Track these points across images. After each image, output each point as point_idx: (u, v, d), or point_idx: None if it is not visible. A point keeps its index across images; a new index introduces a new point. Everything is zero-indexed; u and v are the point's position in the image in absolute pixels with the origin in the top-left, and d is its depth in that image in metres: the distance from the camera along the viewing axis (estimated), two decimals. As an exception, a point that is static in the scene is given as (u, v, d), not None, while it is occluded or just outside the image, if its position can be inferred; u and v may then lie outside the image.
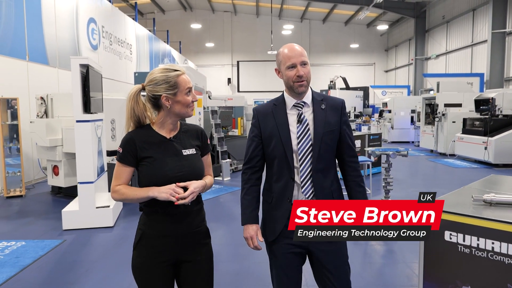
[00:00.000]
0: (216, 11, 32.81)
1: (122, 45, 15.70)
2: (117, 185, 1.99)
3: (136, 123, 2.02)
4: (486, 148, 10.91)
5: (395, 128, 19.33)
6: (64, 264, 4.35)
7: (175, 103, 1.98)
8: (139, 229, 2.04)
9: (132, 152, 1.97)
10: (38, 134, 7.00)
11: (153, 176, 1.93)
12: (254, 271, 4.09)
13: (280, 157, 2.17)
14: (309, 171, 2.14)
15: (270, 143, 2.20)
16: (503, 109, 11.34)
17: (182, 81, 1.99)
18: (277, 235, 2.17)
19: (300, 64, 2.11)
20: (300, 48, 2.15)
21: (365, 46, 32.89)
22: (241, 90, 32.94)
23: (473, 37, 19.78)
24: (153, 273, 1.98)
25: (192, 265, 2.06)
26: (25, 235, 5.30)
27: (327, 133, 2.16)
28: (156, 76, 1.97)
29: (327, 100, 2.23)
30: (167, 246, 1.99)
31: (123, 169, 1.99)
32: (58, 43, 10.16)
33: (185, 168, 1.99)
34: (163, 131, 2.04)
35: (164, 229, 1.98)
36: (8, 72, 8.13)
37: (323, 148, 2.15)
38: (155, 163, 1.96)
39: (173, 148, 2.02)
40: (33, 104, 8.38)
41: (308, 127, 2.16)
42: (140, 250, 2.00)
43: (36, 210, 6.68)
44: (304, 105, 2.20)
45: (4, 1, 8.02)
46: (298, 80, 2.11)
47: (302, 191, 2.14)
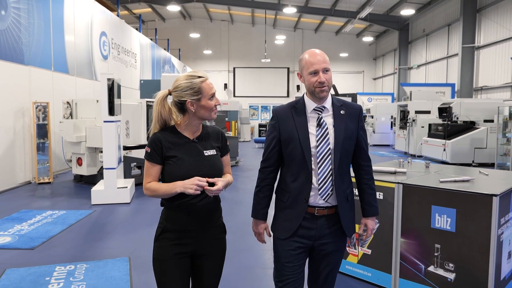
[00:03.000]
0: (214, 20, 34.55)
1: (128, 54, 17.39)
2: (148, 182, 2.11)
3: (162, 125, 2.15)
4: (445, 149, 12.62)
5: (376, 132, 21.00)
6: (97, 225, 5.99)
7: (199, 108, 2.10)
8: (160, 223, 2.17)
9: (158, 151, 2.09)
10: (67, 132, 8.66)
11: (177, 174, 2.06)
12: (248, 247, 5.74)
13: (298, 158, 2.21)
14: (328, 174, 2.19)
15: (289, 144, 2.24)
16: (461, 116, 13.06)
17: (206, 86, 2.11)
18: (291, 234, 2.26)
19: (322, 71, 2.17)
20: (322, 55, 2.20)
21: (355, 55, 34.65)
22: (237, 95, 34.64)
23: (448, 50, 21.56)
24: (171, 264, 2.10)
25: (206, 258, 2.18)
26: (64, 207, 6.95)
27: (347, 139, 2.23)
28: (181, 83, 2.09)
29: (346, 106, 2.29)
30: (186, 240, 2.12)
31: (152, 167, 2.11)
32: (76, 54, 11.82)
33: (206, 168, 2.10)
34: (187, 132, 2.16)
35: (185, 224, 2.11)
36: (39, 80, 9.78)
37: (343, 154, 2.22)
38: (179, 162, 2.08)
39: (196, 148, 2.14)
40: (57, 108, 10.03)
41: (327, 131, 2.21)
42: (161, 242, 2.12)
43: (65, 192, 8.33)
44: (324, 110, 2.25)
45: (36, 22, 9.68)
46: (320, 86, 2.17)
47: (320, 193, 2.20)
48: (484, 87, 18.30)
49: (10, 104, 8.68)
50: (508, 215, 3.31)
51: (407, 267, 3.49)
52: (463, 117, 13.00)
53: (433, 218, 3.30)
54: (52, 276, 3.97)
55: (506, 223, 3.28)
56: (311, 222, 2.23)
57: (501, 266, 3.25)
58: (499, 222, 3.10)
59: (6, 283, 3.81)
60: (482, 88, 18.47)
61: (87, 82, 12.48)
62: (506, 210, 3.25)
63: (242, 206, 7.08)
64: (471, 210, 3.12)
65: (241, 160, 13.35)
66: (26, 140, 9.25)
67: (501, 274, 3.28)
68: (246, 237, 5.13)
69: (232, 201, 7.47)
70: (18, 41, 8.93)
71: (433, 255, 3.33)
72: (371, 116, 21.62)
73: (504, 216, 3.22)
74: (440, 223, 3.27)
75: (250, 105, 33.59)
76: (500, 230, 3.14)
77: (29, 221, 5.98)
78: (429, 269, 3.36)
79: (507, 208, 3.28)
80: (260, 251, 4.76)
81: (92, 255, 4.66)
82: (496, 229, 3.03)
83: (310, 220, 2.23)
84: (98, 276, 3.98)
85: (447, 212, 3.23)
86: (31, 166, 9.31)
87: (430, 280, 3.36)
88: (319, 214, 2.22)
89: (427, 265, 3.38)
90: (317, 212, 2.22)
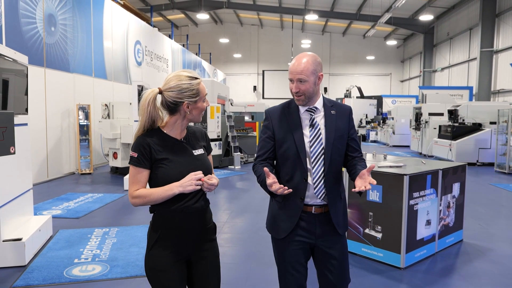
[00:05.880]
0: (244, 24, 36.04)
1: (160, 60, 19.01)
2: (136, 189, 2.01)
3: (150, 127, 2.06)
4: (450, 150, 13.41)
5: (396, 134, 21.72)
6: (127, 204, 7.35)
7: (193, 109, 2.07)
8: (153, 231, 2.07)
9: (147, 155, 2.00)
10: (105, 130, 10.17)
11: (171, 177, 1.99)
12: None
13: (294, 158, 2.23)
14: (322, 173, 2.23)
15: (283, 144, 2.26)
16: (468, 118, 13.79)
17: (202, 88, 2.07)
18: (288, 233, 2.26)
19: (296, 81, 2.18)
20: (304, 65, 2.16)
21: (382, 57, 35.28)
22: (266, 97, 35.97)
23: (469, 54, 22.06)
24: (171, 272, 2.04)
25: (202, 261, 2.13)
26: (101, 191, 8.39)
27: (338, 138, 2.27)
28: (178, 83, 2.01)
29: (337, 107, 2.33)
30: (183, 244, 2.06)
31: (140, 173, 2.01)
32: (113, 62, 13.41)
33: (198, 167, 2.05)
34: (173, 133, 2.10)
35: (181, 228, 2.04)
36: (81, 85, 11.36)
37: (334, 152, 2.25)
38: (171, 164, 2.02)
39: (185, 149, 2.09)
40: (97, 109, 11.59)
41: (320, 131, 2.24)
42: (157, 251, 2.04)
43: (103, 181, 9.82)
44: (316, 110, 2.27)
45: (79, 35, 11.27)
46: (295, 94, 2.23)
47: (315, 192, 2.23)
48: (501, 90, 18.78)
49: (58, 106, 10.26)
50: (424, 192, 4.39)
51: (352, 230, 4.62)
52: (470, 119, 13.73)
53: (368, 192, 4.42)
54: (92, 234, 5.37)
55: (422, 197, 4.37)
56: (310, 221, 2.27)
57: (417, 229, 4.35)
58: (411, 195, 4.20)
59: (60, 237, 5.23)
60: (499, 91, 18.96)
61: (123, 87, 14.07)
62: (421, 187, 4.34)
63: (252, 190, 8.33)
64: (391, 186, 4.23)
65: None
66: (71, 137, 10.84)
67: (417, 235, 4.37)
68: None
69: (242, 179, 8.73)
70: (65, 52, 10.53)
71: (368, 221, 4.45)
72: (392, 118, 22.36)
73: (419, 191, 4.31)
74: (372, 197, 4.39)
75: (278, 107, 34.72)
76: (413, 201, 4.24)
77: (74, 201, 7.44)
78: (365, 231, 4.49)
79: (423, 186, 4.36)
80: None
81: (122, 223, 6.03)
82: (407, 200, 4.14)
83: (308, 219, 2.27)
84: (125, 235, 5.33)
85: (377, 188, 4.35)
86: (75, 159, 10.89)
87: (366, 239, 4.49)
88: (316, 212, 2.27)
89: (364, 228, 4.51)
90: (314, 210, 2.27)
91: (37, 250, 4.69)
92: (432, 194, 4.55)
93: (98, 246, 4.91)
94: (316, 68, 2.19)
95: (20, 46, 8.45)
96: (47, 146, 9.72)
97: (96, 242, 5.04)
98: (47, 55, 9.70)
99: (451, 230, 4.99)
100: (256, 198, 7.84)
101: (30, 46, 8.95)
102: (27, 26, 8.89)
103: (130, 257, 4.52)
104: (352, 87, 29.17)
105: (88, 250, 4.75)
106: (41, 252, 4.67)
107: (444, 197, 4.78)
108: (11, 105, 4.44)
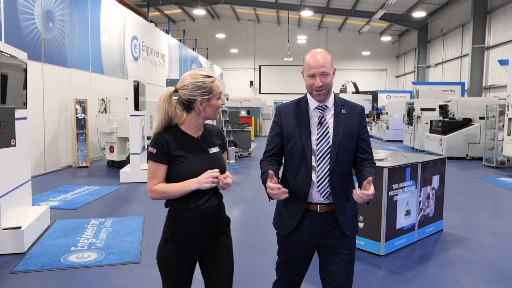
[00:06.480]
0: (241, 19, 36.17)
1: (157, 55, 19.17)
2: (154, 184, 2.08)
3: (167, 124, 2.13)
4: (441, 144, 13.68)
5: (390, 129, 21.97)
6: (123, 196, 7.60)
7: (207, 107, 2.11)
8: (169, 225, 2.14)
9: (165, 151, 2.07)
10: (101, 124, 10.38)
11: (186, 173, 2.06)
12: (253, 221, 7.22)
13: (299, 155, 2.25)
14: (326, 172, 2.21)
15: (290, 140, 2.28)
16: (458, 113, 14.06)
17: (216, 86, 2.12)
18: (291, 230, 2.29)
19: (319, 75, 2.18)
20: (324, 57, 2.19)
21: (378, 53, 35.51)
22: (262, 92, 36.21)
23: (462, 50, 22.31)
24: (182, 265, 2.13)
25: (215, 252, 2.18)
26: (98, 184, 8.62)
27: (346, 138, 2.24)
28: (192, 81, 2.07)
29: (348, 106, 2.31)
30: (197, 238, 2.12)
31: (158, 168, 2.08)
32: (110, 57, 13.59)
33: (212, 166, 2.10)
34: (190, 131, 2.16)
35: (196, 222, 2.10)
36: (79, 80, 11.55)
37: (341, 152, 2.23)
38: (187, 161, 2.08)
39: (201, 147, 2.15)
40: (94, 103, 11.78)
41: (328, 129, 2.24)
42: (171, 244, 2.11)
43: (99, 174, 10.04)
44: (326, 109, 2.27)
45: (77, 30, 11.44)
46: (317, 90, 2.20)
47: (318, 190, 2.23)
48: (492, 85, 19.06)
49: (55, 100, 10.46)
50: (403, 183, 4.64)
51: (335, 220, 4.87)
52: (460, 114, 13.99)
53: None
54: (88, 224, 5.61)
55: (402, 189, 4.62)
56: (314, 219, 2.27)
57: (397, 219, 4.60)
58: (391, 187, 4.45)
59: (57, 226, 5.47)
60: (490, 86, 19.23)
61: (120, 81, 14.26)
62: (400, 179, 4.58)
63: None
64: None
65: (254, 152, 14.84)
66: (68, 131, 11.04)
67: (397, 225, 4.62)
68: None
69: (237, 174, 8.96)
70: (62, 47, 10.71)
71: (350, 211, 4.70)
72: (386, 113, 22.61)
73: (398, 183, 4.56)
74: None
75: (274, 102, 34.95)
76: (392, 193, 4.48)
77: (71, 192, 7.67)
78: (348, 221, 4.74)
79: (402, 178, 4.61)
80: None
81: (118, 214, 6.27)
82: (386, 191, 4.38)
83: (313, 217, 2.27)
84: (120, 225, 5.56)
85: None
86: (72, 152, 11.10)
87: (348, 229, 4.74)
88: (321, 211, 2.25)
89: (346, 218, 4.75)
90: (319, 209, 2.26)
91: (36, 239, 4.92)
92: (412, 186, 4.80)
93: (94, 235, 5.15)
94: (332, 61, 2.24)
95: (18, 41, 8.64)
96: (44, 140, 9.92)
97: (92, 232, 5.28)
98: (45, 50, 9.88)
99: (431, 220, 5.24)
100: (248, 191, 8.08)
101: (28, 41, 9.14)
102: (26, 22, 9.07)
103: (124, 246, 4.76)
104: (348, 83, 29.33)
105: (84, 239, 4.99)
106: (39, 240, 4.90)
107: (423, 188, 5.03)
108: (10, 100, 4.64)
